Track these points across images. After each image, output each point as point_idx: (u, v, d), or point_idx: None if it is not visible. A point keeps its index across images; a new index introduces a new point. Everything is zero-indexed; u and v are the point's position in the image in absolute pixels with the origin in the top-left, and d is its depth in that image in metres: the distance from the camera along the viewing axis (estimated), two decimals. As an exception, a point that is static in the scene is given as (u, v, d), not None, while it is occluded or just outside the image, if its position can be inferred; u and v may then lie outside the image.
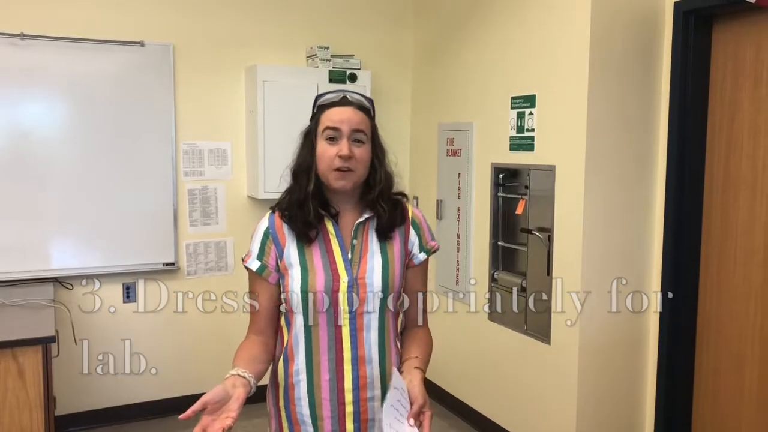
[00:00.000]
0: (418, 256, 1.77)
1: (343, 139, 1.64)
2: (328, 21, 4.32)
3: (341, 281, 1.65)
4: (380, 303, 1.68)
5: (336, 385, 1.67)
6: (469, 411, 4.03)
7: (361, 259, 1.68)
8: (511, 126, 3.56)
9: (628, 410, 3.34)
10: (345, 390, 1.67)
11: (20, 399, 2.65)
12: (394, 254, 1.72)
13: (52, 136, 3.70)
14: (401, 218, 1.74)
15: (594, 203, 3.15)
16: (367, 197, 1.71)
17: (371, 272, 1.67)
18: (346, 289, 1.65)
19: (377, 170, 1.70)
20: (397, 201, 1.75)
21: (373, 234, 1.71)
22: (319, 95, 1.73)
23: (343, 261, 1.67)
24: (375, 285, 1.67)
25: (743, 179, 2.98)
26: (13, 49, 3.57)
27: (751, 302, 2.97)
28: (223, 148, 4.14)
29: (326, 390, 1.67)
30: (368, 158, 1.68)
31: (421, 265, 1.79)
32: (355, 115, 1.67)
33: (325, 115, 1.67)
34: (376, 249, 1.70)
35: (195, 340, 4.14)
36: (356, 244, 1.69)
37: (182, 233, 4.05)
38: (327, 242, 1.69)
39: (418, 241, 1.77)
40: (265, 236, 1.71)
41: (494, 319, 3.76)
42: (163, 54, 3.91)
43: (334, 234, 1.69)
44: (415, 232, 1.77)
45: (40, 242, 3.70)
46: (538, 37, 3.38)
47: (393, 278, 1.69)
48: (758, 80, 2.90)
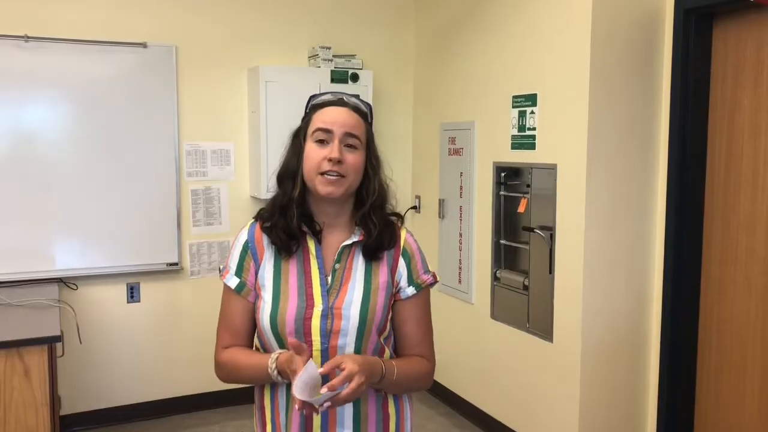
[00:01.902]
0: (406, 290, 1.57)
1: (334, 142, 1.48)
2: (329, 21, 4.33)
3: (315, 308, 1.49)
4: (356, 336, 1.49)
5: (305, 419, 1.50)
6: (471, 409, 4.04)
7: (341, 287, 1.51)
8: (513, 125, 3.57)
9: (630, 408, 3.35)
10: (313, 425, 1.51)
11: (26, 399, 2.66)
12: (378, 284, 1.53)
13: (55, 137, 3.72)
14: (391, 241, 1.55)
15: (595, 202, 3.15)
16: (357, 212, 1.54)
17: (349, 303, 1.49)
18: (320, 318, 1.48)
19: (371, 180, 1.54)
20: (389, 221, 1.57)
21: (359, 259, 1.54)
22: (314, 95, 1.59)
23: (320, 286, 1.51)
24: (352, 317, 1.49)
25: (744, 178, 2.99)
26: (18, 51, 3.59)
27: (752, 302, 2.97)
28: (226, 148, 4.16)
29: (296, 422, 1.51)
30: (361, 166, 1.51)
31: (410, 301, 1.57)
32: (350, 117, 1.51)
33: (317, 115, 1.52)
34: (359, 277, 1.52)
35: (198, 340, 4.14)
36: (338, 269, 1.52)
37: (185, 233, 4.07)
38: (306, 262, 1.52)
39: (407, 274, 1.57)
40: (243, 250, 1.56)
41: (497, 317, 3.77)
42: (165, 55, 3.92)
43: (314, 254, 1.53)
44: (405, 263, 1.57)
45: (44, 243, 3.73)
46: (539, 36, 3.39)
47: (373, 311, 1.51)
48: (759, 78, 2.91)
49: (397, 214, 1.62)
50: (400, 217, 1.63)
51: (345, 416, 1.52)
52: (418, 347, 1.59)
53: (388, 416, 1.58)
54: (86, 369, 3.90)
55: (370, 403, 1.55)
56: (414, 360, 1.58)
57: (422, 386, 1.62)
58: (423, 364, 1.59)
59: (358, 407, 1.53)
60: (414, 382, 1.58)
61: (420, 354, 1.59)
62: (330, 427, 1.51)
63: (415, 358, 1.59)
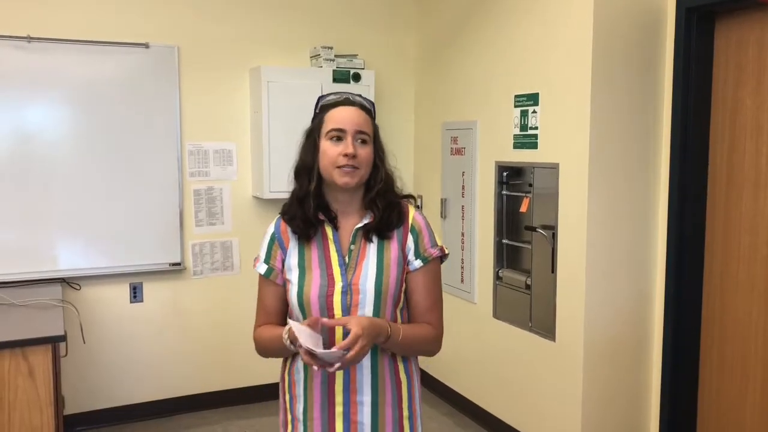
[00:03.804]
0: (414, 263, 1.74)
1: (348, 139, 1.67)
2: (331, 21, 4.34)
3: (335, 285, 1.69)
4: (374, 308, 1.69)
5: (327, 387, 1.71)
6: (474, 408, 4.04)
7: (357, 265, 1.71)
8: (515, 124, 3.57)
9: (632, 407, 3.35)
10: (336, 392, 1.71)
11: (30, 398, 2.67)
12: (390, 259, 1.72)
13: (58, 138, 3.72)
14: (398, 220, 1.74)
15: (598, 201, 3.16)
16: (366, 198, 1.73)
17: (365, 278, 1.69)
18: (340, 294, 1.68)
19: (379, 170, 1.73)
20: (396, 202, 1.75)
21: (371, 239, 1.73)
22: (322, 96, 1.77)
23: (339, 266, 1.71)
24: (368, 291, 1.69)
25: (746, 176, 2.99)
26: (20, 52, 3.60)
27: (754, 300, 2.98)
28: (228, 148, 4.17)
29: (317, 390, 1.72)
30: (371, 158, 1.71)
31: (418, 273, 1.74)
32: (359, 115, 1.71)
33: (329, 115, 1.70)
34: (372, 255, 1.72)
35: (201, 340, 4.16)
36: (353, 250, 1.72)
37: (188, 233, 4.07)
38: (325, 247, 1.73)
39: (414, 248, 1.74)
40: (271, 240, 1.77)
41: (499, 316, 3.78)
42: (168, 55, 3.93)
43: (332, 239, 1.73)
44: (413, 238, 1.75)
45: (48, 243, 3.74)
46: (540, 36, 3.39)
47: (387, 284, 1.70)
48: (761, 77, 2.91)
49: (410, 196, 1.82)
50: (412, 198, 1.83)
51: (364, 383, 1.71)
52: (426, 315, 1.76)
53: (400, 382, 1.77)
54: (90, 369, 3.91)
55: (386, 371, 1.73)
56: (420, 325, 1.75)
57: (429, 350, 1.79)
58: (428, 330, 1.75)
59: (376, 374, 1.72)
60: (420, 345, 1.76)
61: (428, 321, 1.76)
62: (351, 393, 1.71)
63: (422, 324, 1.76)
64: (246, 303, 4.24)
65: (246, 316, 4.27)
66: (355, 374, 1.70)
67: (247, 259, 4.19)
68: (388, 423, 1.74)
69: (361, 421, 1.71)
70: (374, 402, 1.72)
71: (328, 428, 1.72)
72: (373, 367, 1.71)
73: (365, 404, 1.71)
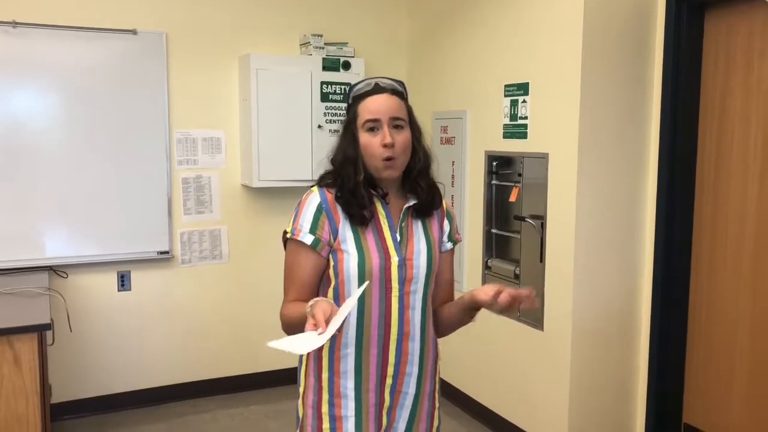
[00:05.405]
0: (446, 244, 1.87)
1: (384, 128, 1.69)
2: (321, 9, 4.31)
3: (392, 260, 1.73)
4: (424, 283, 1.77)
5: (381, 359, 1.75)
6: (461, 396, 4.06)
7: (408, 241, 1.77)
8: (505, 114, 3.57)
9: (619, 395, 3.38)
10: (389, 364, 1.76)
11: (16, 386, 2.66)
12: (434, 238, 1.82)
13: (44, 125, 3.69)
14: (439, 202, 1.84)
15: (587, 191, 3.16)
16: (408, 178, 1.78)
17: (418, 254, 1.76)
18: (397, 268, 1.73)
19: (417, 151, 1.77)
20: (435, 184, 1.83)
21: (417, 218, 1.81)
22: (352, 86, 1.79)
23: (392, 241, 1.75)
24: (421, 266, 1.76)
25: (734, 166, 3.00)
26: (5, 38, 3.56)
27: (741, 290, 3.00)
28: (217, 136, 4.14)
29: (373, 364, 1.75)
30: (409, 142, 1.74)
31: (447, 254, 1.88)
32: (391, 101, 1.72)
33: (362, 106, 1.72)
34: (420, 232, 1.80)
35: (189, 328, 4.15)
36: (404, 227, 1.78)
37: (176, 222, 4.05)
38: (378, 223, 1.76)
39: (449, 231, 1.88)
40: (318, 211, 1.72)
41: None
42: (156, 42, 3.89)
43: (384, 215, 1.77)
44: (448, 222, 1.88)
45: (34, 231, 3.71)
46: (531, 25, 3.38)
47: (435, 260, 1.80)
48: (749, 68, 2.92)
49: (438, 182, 1.88)
50: (441, 184, 1.89)
51: (415, 354, 1.78)
52: (448, 292, 1.92)
53: (437, 355, 1.89)
54: (76, 357, 3.89)
55: (430, 342, 1.83)
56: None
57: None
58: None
59: (423, 346, 1.80)
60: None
61: (450, 294, 1.92)
62: (402, 365, 1.77)
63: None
64: (234, 291, 4.28)
65: (234, 305, 4.29)
66: (407, 345, 1.76)
67: (235, 247, 4.18)
68: (425, 394, 1.84)
69: (406, 391, 1.79)
70: (420, 374, 1.80)
71: (379, 400, 1.77)
72: (422, 339, 1.79)
73: (412, 375, 1.79)
